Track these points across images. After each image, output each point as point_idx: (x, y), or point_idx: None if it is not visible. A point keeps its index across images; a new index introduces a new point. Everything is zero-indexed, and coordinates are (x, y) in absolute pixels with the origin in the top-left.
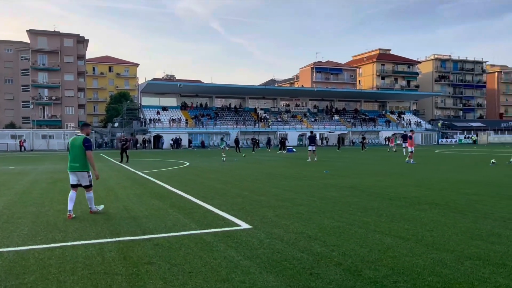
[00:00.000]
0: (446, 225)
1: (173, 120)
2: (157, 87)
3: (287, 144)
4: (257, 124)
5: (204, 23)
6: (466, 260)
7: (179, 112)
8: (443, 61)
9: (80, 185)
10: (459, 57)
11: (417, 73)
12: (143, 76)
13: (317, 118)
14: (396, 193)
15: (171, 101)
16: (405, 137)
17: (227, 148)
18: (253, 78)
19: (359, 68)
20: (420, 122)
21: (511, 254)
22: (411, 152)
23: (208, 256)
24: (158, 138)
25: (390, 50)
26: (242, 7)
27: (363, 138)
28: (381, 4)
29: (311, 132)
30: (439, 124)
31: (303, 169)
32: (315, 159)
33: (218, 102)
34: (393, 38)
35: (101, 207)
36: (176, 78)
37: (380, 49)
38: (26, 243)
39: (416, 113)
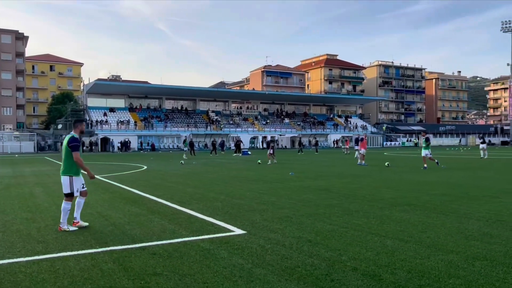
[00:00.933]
0: (436, 226)
1: (121, 122)
2: (104, 87)
3: (242, 146)
4: (209, 127)
5: (150, 23)
6: (475, 261)
7: (127, 113)
8: (386, 67)
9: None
10: (400, 63)
11: (363, 78)
12: (86, 76)
13: (268, 121)
14: (370, 195)
15: (119, 103)
16: (357, 140)
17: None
18: (202, 80)
19: (308, 72)
20: (366, 125)
21: (509, 254)
22: (363, 154)
23: (216, 265)
24: (105, 141)
25: (337, 55)
26: (189, 9)
27: (316, 141)
28: (324, 11)
29: (272, 137)
30: (384, 128)
31: (268, 172)
32: (275, 161)
33: (168, 104)
34: (339, 44)
35: (72, 228)
36: (122, 79)
37: (327, 54)
38: (4, 256)
39: (361, 117)
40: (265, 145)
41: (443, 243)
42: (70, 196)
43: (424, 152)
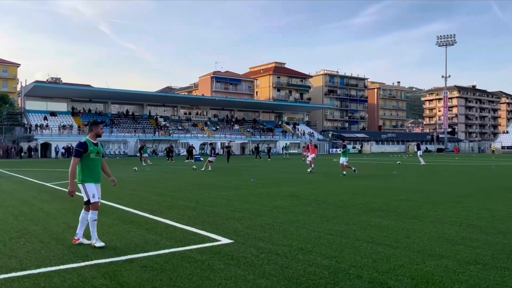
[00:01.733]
0: (416, 231)
1: (64, 126)
2: (44, 90)
3: (194, 152)
4: (157, 132)
5: (92, 25)
6: (468, 265)
7: (70, 118)
8: (331, 76)
9: (88, 201)
10: (345, 73)
11: (309, 87)
12: (23, 78)
13: (218, 127)
14: (340, 201)
15: (61, 106)
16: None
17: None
18: (148, 85)
19: (257, 79)
20: (312, 132)
21: (500, 257)
22: (313, 159)
23: (217, 277)
24: (46, 146)
25: (285, 63)
26: (132, 11)
27: (269, 148)
28: (270, 20)
29: (211, 143)
30: (330, 135)
31: (229, 178)
32: (209, 168)
33: (114, 109)
34: (287, 52)
35: (100, 244)
36: (63, 82)
37: (276, 62)
38: None
39: (308, 124)
40: (220, 151)
41: (431, 248)
42: (88, 204)
43: (341, 160)
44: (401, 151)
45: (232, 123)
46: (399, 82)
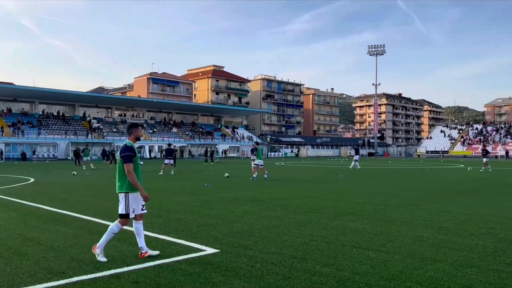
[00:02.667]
0: (394, 235)
1: None
2: None
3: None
4: (90, 135)
5: (14, 19)
6: (464, 268)
7: None
8: (269, 81)
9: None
10: (282, 78)
11: (248, 91)
12: None
13: (155, 130)
14: (305, 205)
15: None
16: (253, 150)
17: (89, 160)
18: (78, 85)
19: (195, 82)
20: (251, 136)
21: (488, 259)
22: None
23: None
24: None
25: (223, 67)
26: (60, 7)
27: (212, 151)
28: (207, 23)
29: (169, 144)
30: (268, 139)
31: (182, 183)
32: (172, 173)
33: (41, 109)
34: (225, 56)
35: (102, 259)
36: None
37: (214, 66)
38: None
39: (247, 128)
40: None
41: (419, 252)
42: (125, 217)
43: (257, 162)
44: (335, 155)
45: (170, 125)
46: (332, 89)
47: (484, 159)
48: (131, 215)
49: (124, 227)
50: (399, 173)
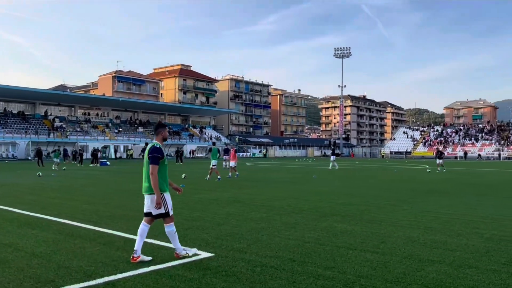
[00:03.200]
0: (385, 236)
1: None
2: None
3: (99, 156)
4: (52, 134)
5: None
6: (464, 269)
7: None
8: (237, 81)
9: (151, 213)
10: (250, 79)
11: (216, 91)
12: None
13: (120, 129)
14: (288, 206)
15: None
16: (227, 151)
17: (58, 162)
18: (37, 82)
19: (162, 81)
20: (220, 136)
21: (483, 259)
22: (234, 167)
23: None
24: None
25: (191, 66)
26: (21, 2)
27: (182, 152)
28: (172, 21)
29: (146, 144)
30: (236, 139)
31: None
32: None
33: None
34: (192, 55)
35: (192, 250)
36: None
37: (182, 65)
38: None
39: (215, 128)
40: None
41: (414, 253)
42: (167, 216)
43: (213, 163)
44: (302, 156)
45: (136, 125)
46: (299, 90)
47: (438, 161)
48: (171, 213)
49: (105, 229)
50: (369, 173)
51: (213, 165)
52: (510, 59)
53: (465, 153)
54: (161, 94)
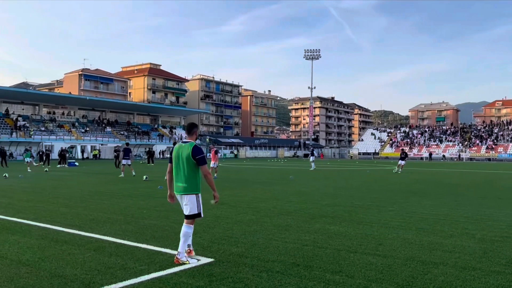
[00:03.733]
0: (380, 238)
1: None
2: None
3: (67, 156)
4: (14, 133)
5: None
6: (470, 271)
7: None
8: (207, 81)
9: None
10: (220, 79)
11: (186, 90)
12: None
13: (87, 129)
14: (274, 207)
15: None
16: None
17: (34, 163)
18: None
19: (130, 80)
20: None
21: (483, 261)
22: (215, 167)
23: None
24: None
25: (160, 65)
26: None
27: (153, 152)
28: (138, 20)
29: (127, 144)
30: (207, 140)
31: (130, 186)
32: (133, 174)
33: None
34: (161, 55)
35: (193, 260)
36: None
37: (151, 64)
38: None
39: (185, 128)
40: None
41: (415, 255)
42: (196, 217)
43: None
44: (273, 156)
45: (103, 125)
46: (270, 91)
47: (401, 162)
48: (202, 215)
49: (92, 234)
50: (343, 174)
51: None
52: (470, 63)
53: (430, 154)
54: (130, 93)
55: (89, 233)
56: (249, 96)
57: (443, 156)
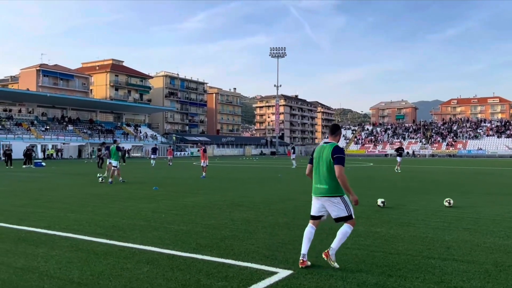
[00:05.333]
0: (442, 241)
1: None
2: None
3: (33, 155)
4: None
5: None
6: (510, 268)
7: None
8: (172, 78)
9: (321, 217)
10: (185, 76)
11: (150, 88)
12: None
13: (48, 127)
14: (296, 208)
15: None
16: (154, 150)
17: None
18: None
19: (92, 76)
20: (155, 135)
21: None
22: (205, 166)
23: None
24: None
25: (123, 61)
26: None
27: (125, 151)
28: (94, 15)
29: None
30: (174, 138)
31: (123, 187)
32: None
33: None
34: (121, 51)
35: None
36: None
37: (113, 60)
38: None
39: (150, 126)
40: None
41: (447, 252)
42: (348, 219)
43: (114, 163)
44: (240, 154)
45: (64, 123)
46: (235, 89)
47: (398, 158)
48: (354, 216)
49: (130, 244)
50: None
51: (113, 166)
52: (423, 63)
53: (414, 152)
54: (91, 90)
55: (122, 242)
56: (214, 94)
57: (413, 152)
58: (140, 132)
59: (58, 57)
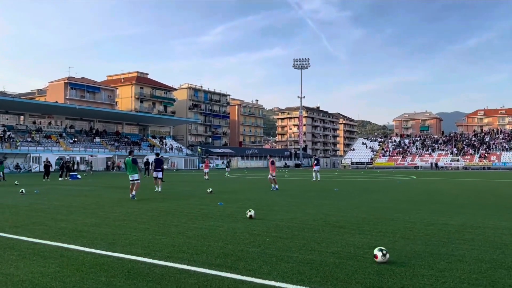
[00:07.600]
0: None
1: None
2: None
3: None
4: (0, 145)
5: None
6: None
7: None
8: (196, 90)
9: None
10: (208, 88)
11: (174, 100)
12: None
13: (75, 139)
14: (396, 228)
15: None
16: (159, 162)
17: None
18: None
19: (117, 89)
20: (181, 147)
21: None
22: (275, 177)
23: None
24: None
25: (148, 74)
26: None
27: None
28: (116, 28)
29: (157, 154)
30: (199, 150)
31: (180, 202)
32: (159, 189)
33: None
34: (146, 64)
35: None
36: None
37: (138, 72)
38: None
39: (174, 138)
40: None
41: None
42: None
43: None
44: (264, 166)
45: (92, 135)
46: (257, 100)
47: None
48: None
49: (166, 262)
50: (370, 185)
51: (135, 180)
52: (441, 74)
53: (436, 164)
54: (116, 102)
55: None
56: (237, 106)
57: (435, 164)
58: (166, 144)
59: (83, 70)
